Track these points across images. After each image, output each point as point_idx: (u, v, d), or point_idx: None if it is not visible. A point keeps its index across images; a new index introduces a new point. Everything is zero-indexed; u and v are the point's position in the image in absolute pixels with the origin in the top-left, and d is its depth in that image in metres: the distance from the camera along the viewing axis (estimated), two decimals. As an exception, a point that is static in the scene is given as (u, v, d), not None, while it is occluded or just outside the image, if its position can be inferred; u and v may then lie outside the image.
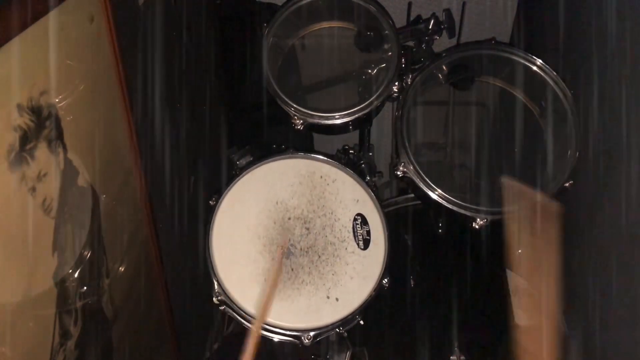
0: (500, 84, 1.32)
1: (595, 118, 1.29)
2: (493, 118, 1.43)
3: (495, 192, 1.28)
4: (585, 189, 1.31)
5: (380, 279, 1.08)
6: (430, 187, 1.17)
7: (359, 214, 1.14)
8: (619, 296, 1.21)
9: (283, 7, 1.31)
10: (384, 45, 1.30)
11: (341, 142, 1.46)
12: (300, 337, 1.04)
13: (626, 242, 1.19)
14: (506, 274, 1.39)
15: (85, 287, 0.92)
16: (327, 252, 1.10)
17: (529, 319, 1.10)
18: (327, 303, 1.05)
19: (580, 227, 1.42)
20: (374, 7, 1.29)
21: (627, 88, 1.19)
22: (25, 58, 0.71)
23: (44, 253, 0.79)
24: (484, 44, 1.34)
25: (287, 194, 1.14)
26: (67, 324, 0.87)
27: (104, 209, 0.97)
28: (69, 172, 0.84)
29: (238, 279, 1.06)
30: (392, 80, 1.25)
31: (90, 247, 0.92)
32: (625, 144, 1.20)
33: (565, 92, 1.20)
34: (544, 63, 1.22)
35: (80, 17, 0.86)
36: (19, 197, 0.72)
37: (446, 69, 1.28)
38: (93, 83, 0.91)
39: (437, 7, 1.43)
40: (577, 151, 1.16)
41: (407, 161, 1.18)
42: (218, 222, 1.11)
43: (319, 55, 1.43)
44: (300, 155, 1.19)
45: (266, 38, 1.28)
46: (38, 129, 0.74)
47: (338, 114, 1.25)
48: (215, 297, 1.06)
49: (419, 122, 1.31)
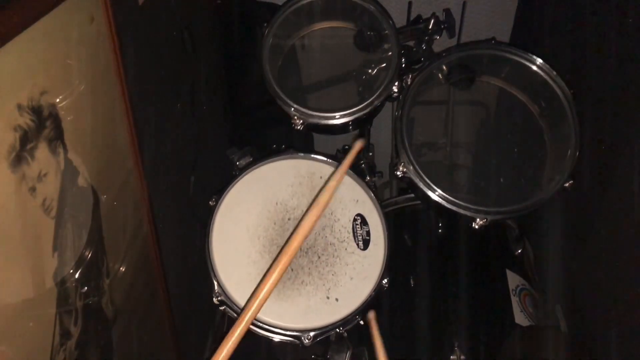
0: (500, 84, 1.32)
1: (595, 118, 1.29)
2: (493, 118, 1.43)
3: (495, 192, 1.28)
4: (585, 189, 1.31)
5: (380, 279, 1.08)
6: (430, 187, 1.17)
7: (358, 214, 1.14)
8: (620, 295, 1.21)
9: (283, 7, 1.31)
10: (384, 45, 1.30)
11: (341, 142, 1.46)
12: (300, 337, 1.04)
13: (626, 242, 1.19)
14: (506, 274, 1.40)
15: (86, 287, 0.92)
16: (326, 252, 1.10)
17: None
18: (327, 303, 1.05)
19: (580, 227, 1.42)
20: (374, 7, 1.29)
21: (627, 87, 1.19)
22: (25, 58, 0.71)
23: (44, 253, 0.79)
24: (484, 44, 1.34)
25: (287, 195, 1.14)
26: (68, 324, 0.87)
27: (104, 209, 0.97)
28: (69, 172, 0.84)
29: (238, 279, 1.06)
30: (392, 80, 1.25)
31: (91, 247, 0.92)
32: (626, 143, 1.20)
33: (565, 92, 1.20)
34: (544, 63, 1.22)
35: (80, 17, 0.86)
36: (19, 197, 0.72)
37: (446, 69, 1.28)
38: (93, 83, 0.91)
39: (437, 7, 1.43)
40: (577, 151, 1.16)
41: (407, 161, 1.19)
42: (218, 223, 1.11)
43: (319, 55, 1.43)
44: (300, 155, 1.19)
45: (266, 38, 1.28)
46: (38, 129, 0.74)
47: (338, 113, 1.25)
48: (215, 297, 1.06)
49: (419, 122, 1.31)
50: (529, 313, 1.33)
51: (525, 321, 1.30)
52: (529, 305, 1.35)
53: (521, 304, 1.33)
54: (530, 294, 1.38)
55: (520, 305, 1.33)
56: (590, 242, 1.37)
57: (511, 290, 1.35)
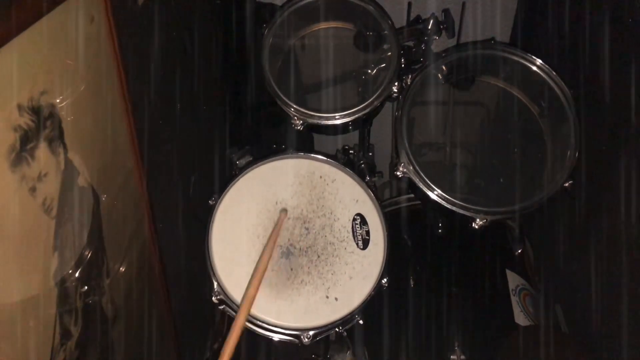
0: (500, 84, 1.32)
1: (595, 118, 1.29)
2: (493, 118, 1.43)
3: (495, 192, 1.28)
4: (585, 189, 1.31)
5: (380, 278, 1.08)
6: (430, 187, 1.17)
7: (358, 214, 1.14)
8: (620, 295, 1.21)
9: (283, 7, 1.32)
10: (383, 46, 1.30)
11: (341, 142, 1.46)
12: (300, 337, 1.04)
13: (626, 242, 1.19)
14: (506, 274, 1.40)
15: (86, 287, 0.92)
16: (326, 252, 1.10)
17: None
18: (326, 303, 1.06)
19: (580, 226, 1.42)
20: (373, 8, 1.29)
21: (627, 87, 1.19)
22: (25, 58, 0.72)
23: (44, 253, 0.80)
24: (484, 44, 1.34)
25: (287, 194, 1.14)
26: (68, 324, 0.87)
27: (104, 209, 0.97)
28: (70, 172, 0.84)
29: (238, 278, 1.06)
30: (392, 80, 1.25)
31: (91, 247, 0.93)
32: (626, 144, 1.20)
33: (565, 92, 1.20)
34: (543, 63, 1.22)
35: (80, 17, 0.86)
36: (19, 197, 0.72)
37: (446, 69, 1.28)
38: (93, 83, 0.91)
39: (436, 7, 1.43)
40: (577, 151, 1.16)
41: (407, 161, 1.19)
42: (218, 222, 1.11)
43: (319, 56, 1.43)
44: (300, 155, 1.19)
45: (266, 38, 1.28)
46: (38, 129, 0.74)
47: (338, 114, 1.25)
48: (215, 297, 1.06)
49: (419, 122, 1.31)
50: (529, 313, 1.32)
51: (525, 321, 1.30)
52: (529, 305, 1.35)
53: (521, 304, 1.33)
54: (530, 294, 1.38)
55: (520, 305, 1.33)
56: (590, 242, 1.37)
57: (511, 290, 1.35)
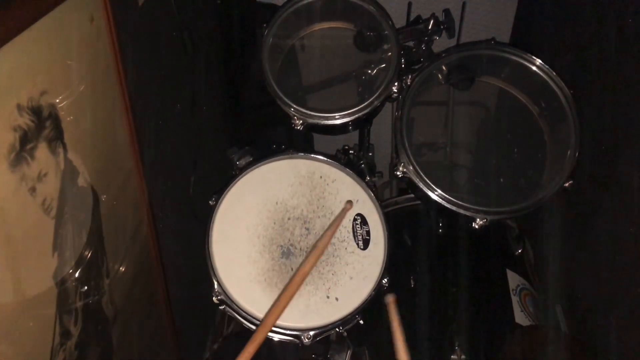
0: (500, 84, 1.32)
1: (595, 118, 1.29)
2: (493, 118, 1.43)
3: (495, 192, 1.28)
4: (585, 189, 1.31)
5: (380, 278, 1.08)
6: (430, 187, 1.17)
7: (358, 214, 1.14)
8: (620, 295, 1.21)
9: (283, 7, 1.32)
10: (383, 46, 1.30)
11: (341, 142, 1.46)
12: (300, 337, 1.04)
13: (626, 242, 1.19)
14: (506, 274, 1.40)
15: (86, 287, 0.92)
16: (326, 252, 1.10)
17: None
18: (326, 303, 1.06)
19: (580, 227, 1.42)
20: (373, 8, 1.29)
21: (627, 87, 1.19)
22: (25, 58, 0.72)
23: (44, 253, 0.80)
24: (483, 44, 1.34)
25: (287, 194, 1.14)
26: (68, 324, 0.87)
27: (104, 209, 0.97)
28: (69, 172, 0.84)
29: (238, 278, 1.06)
30: (392, 80, 1.25)
31: (90, 247, 0.92)
32: (626, 143, 1.20)
33: (565, 92, 1.20)
34: (543, 63, 1.22)
35: (80, 17, 0.86)
36: (19, 197, 0.72)
37: (446, 69, 1.28)
38: (93, 83, 0.91)
39: (437, 7, 1.43)
40: (577, 151, 1.16)
41: (407, 161, 1.19)
42: (218, 222, 1.11)
43: (319, 56, 1.43)
44: (300, 155, 1.19)
45: (266, 38, 1.28)
46: (38, 129, 0.74)
47: (338, 114, 1.25)
48: (215, 297, 1.06)
49: (419, 122, 1.31)
50: (529, 313, 1.32)
51: (526, 321, 1.30)
52: (529, 305, 1.35)
53: (521, 303, 1.33)
54: (530, 293, 1.38)
55: (521, 305, 1.33)
56: (590, 242, 1.37)
57: (511, 290, 1.35)
